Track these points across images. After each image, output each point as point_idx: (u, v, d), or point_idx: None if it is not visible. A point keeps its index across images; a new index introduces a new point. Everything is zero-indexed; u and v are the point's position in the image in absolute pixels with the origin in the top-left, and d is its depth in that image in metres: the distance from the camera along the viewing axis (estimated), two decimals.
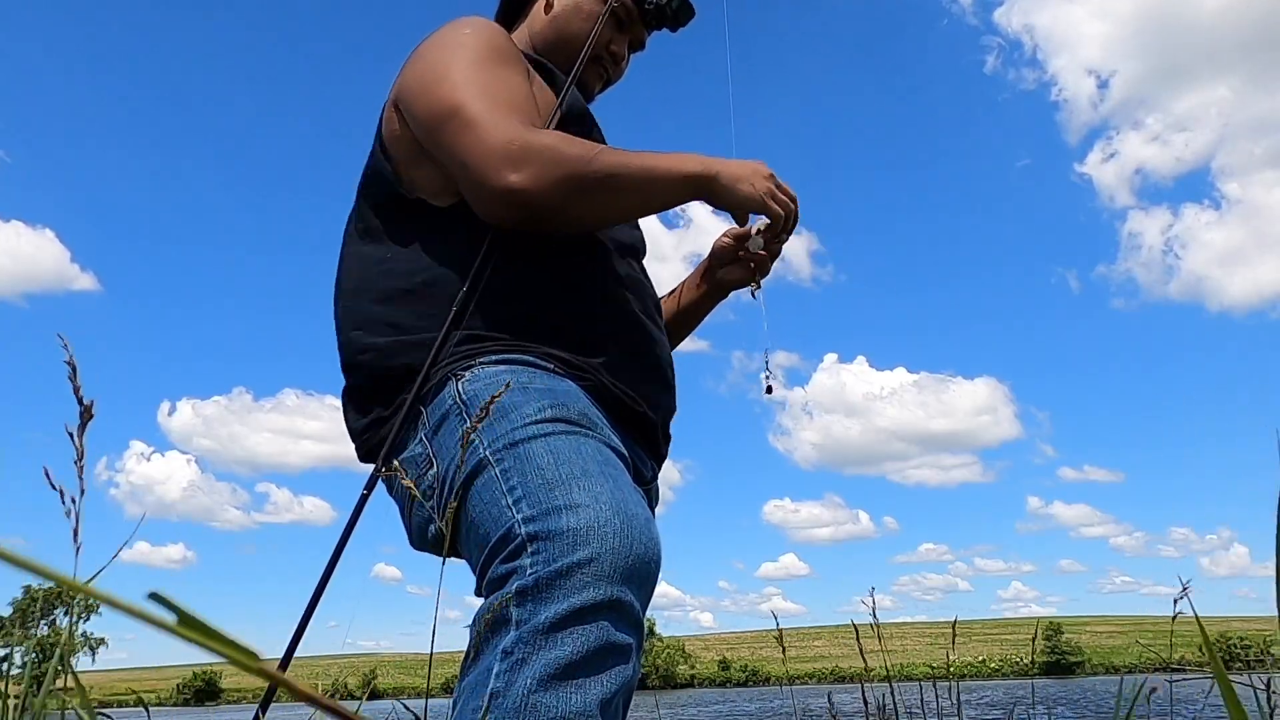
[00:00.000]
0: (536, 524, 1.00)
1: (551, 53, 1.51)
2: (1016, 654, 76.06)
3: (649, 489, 1.38)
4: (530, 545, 0.98)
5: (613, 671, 0.96)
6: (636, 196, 1.24)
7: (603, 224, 1.31)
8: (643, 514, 1.04)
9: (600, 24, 1.49)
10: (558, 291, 1.28)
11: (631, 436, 1.30)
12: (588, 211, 1.24)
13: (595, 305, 1.31)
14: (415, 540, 1.26)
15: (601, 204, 1.23)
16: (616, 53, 1.53)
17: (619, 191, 1.22)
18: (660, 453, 1.39)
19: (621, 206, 1.26)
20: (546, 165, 1.17)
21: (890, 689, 2.33)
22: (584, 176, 1.18)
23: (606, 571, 0.96)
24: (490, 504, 1.06)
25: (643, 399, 1.31)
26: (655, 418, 1.33)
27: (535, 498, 1.02)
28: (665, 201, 1.26)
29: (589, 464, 1.06)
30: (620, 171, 1.20)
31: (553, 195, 1.18)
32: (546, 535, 0.98)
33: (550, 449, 1.07)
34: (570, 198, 1.19)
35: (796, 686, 5.04)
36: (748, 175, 1.26)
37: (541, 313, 1.26)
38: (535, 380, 1.18)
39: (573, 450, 1.07)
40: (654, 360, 1.35)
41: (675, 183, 1.23)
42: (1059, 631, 79.05)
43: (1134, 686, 1.49)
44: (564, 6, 1.51)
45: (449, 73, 1.26)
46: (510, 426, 1.10)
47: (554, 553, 0.97)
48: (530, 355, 1.21)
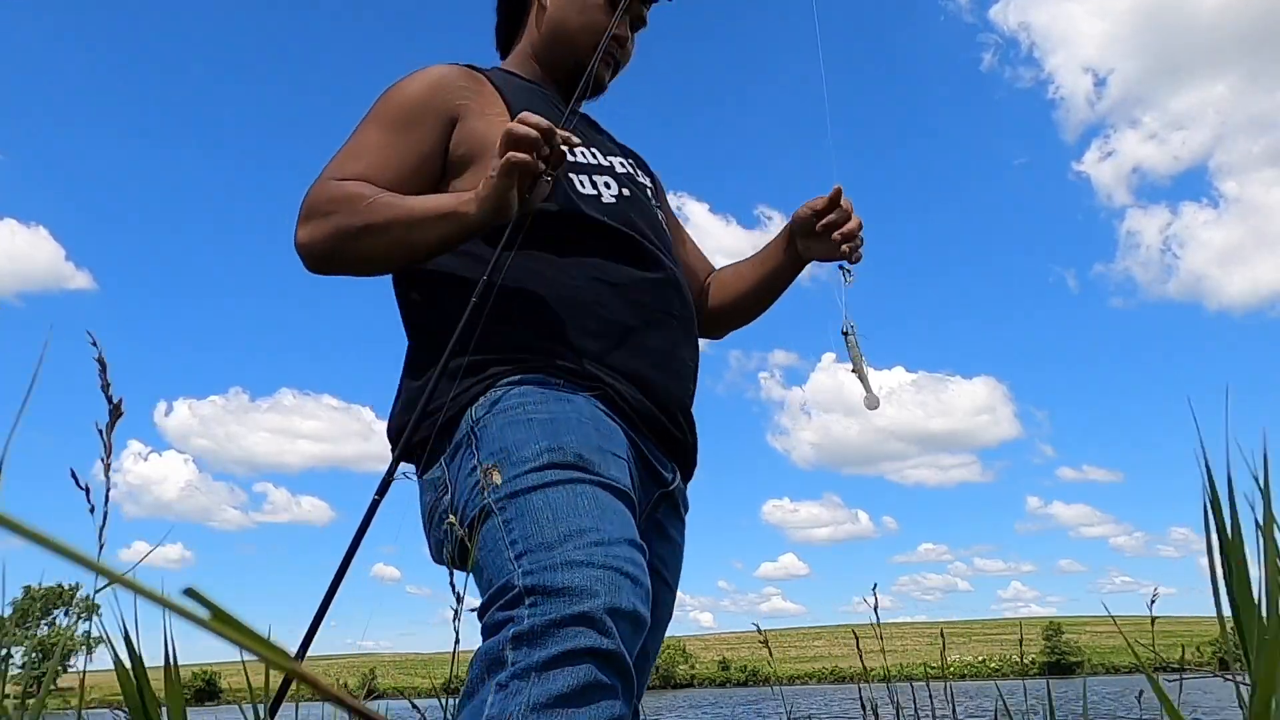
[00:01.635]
0: (534, 578, 1.06)
1: (554, 54, 1.52)
2: (1016, 654, 76.08)
3: (670, 493, 1.40)
4: (528, 598, 1.06)
5: (600, 706, 1.02)
6: (400, 240, 1.27)
7: (381, 267, 1.35)
8: (633, 572, 1.10)
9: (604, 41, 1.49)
10: (558, 303, 1.30)
11: (649, 438, 1.33)
12: (356, 257, 1.30)
13: (598, 313, 1.32)
14: (434, 554, 1.32)
15: (367, 249, 1.29)
16: (620, 36, 1.52)
17: (382, 237, 1.27)
18: (685, 451, 1.42)
19: (388, 252, 1.30)
20: (322, 217, 1.29)
21: (889, 689, 2.33)
22: (346, 226, 1.28)
23: (596, 624, 1.03)
24: (494, 552, 1.13)
25: (655, 398, 1.33)
26: (667, 414, 1.35)
27: (535, 555, 1.09)
28: (434, 242, 1.26)
29: (584, 519, 1.11)
30: (381, 219, 1.26)
31: (323, 245, 1.29)
32: (543, 590, 1.05)
33: (548, 503, 1.13)
34: (340, 244, 1.29)
35: (797, 686, 5.05)
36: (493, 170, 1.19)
37: (544, 327, 1.29)
38: (540, 408, 1.22)
39: (568, 505, 1.12)
40: (663, 356, 1.36)
41: (437, 223, 1.25)
42: (1059, 631, 79.05)
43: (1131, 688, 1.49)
44: (558, 6, 1.51)
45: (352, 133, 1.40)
46: (513, 474, 1.16)
47: (549, 608, 1.04)
48: (540, 374, 1.26)
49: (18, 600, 41.90)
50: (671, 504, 1.42)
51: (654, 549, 1.37)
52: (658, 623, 1.41)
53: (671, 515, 1.43)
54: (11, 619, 12.61)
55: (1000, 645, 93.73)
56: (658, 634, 1.43)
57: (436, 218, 1.25)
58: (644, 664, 1.40)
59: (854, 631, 2.31)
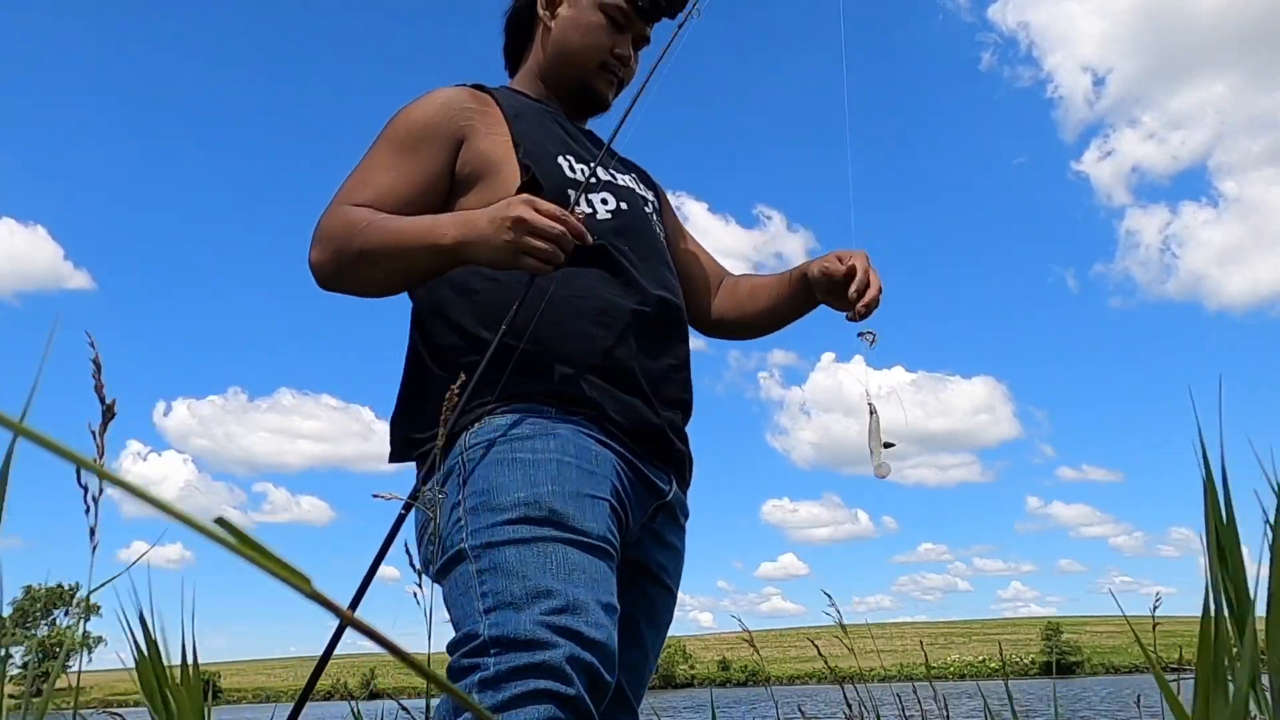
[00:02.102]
0: (499, 630, 1.12)
1: (559, 73, 1.55)
2: (1016, 654, 76.09)
3: (666, 504, 1.42)
4: (493, 648, 1.12)
5: None
6: (392, 267, 1.33)
7: (375, 292, 1.40)
8: (598, 637, 1.14)
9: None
10: (552, 324, 1.33)
11: (643, 452, 1.36)
12: (356, 281, 1.36)
13: (591, 333, 1.34)
14: (422, 565, 1.34)
15: (365, 275, 1.35)
16: (622, 55, 1.55)
17: (376, 264, 1.33)
18: (679, 461, 1.44)
19: (380, 278, 1.36)
20: (326, 242, 1.35)
21: (876, 690, 2.33)
22: (344, 251, 1.33)
23: (558, 675, 1.09)
24: (464, 595, 1.19)
25: (645, 418, 1.36)
26: (658, 432, 1.38)
27: (503, 613, 1.14)
28: (423, 271, 1.34)
29: (551, 582, 1.15)
30: (374, 247, 1.31)
31: (327, 267, 1.35)
32: (507, 643, 1.11)
33: (520, 560, 1.17)
34: (341, 269, 1.34)
35: (797, 686, 5.05)
36: (493, 233, 1.25)
37: (537, 347, 1.31)
38: (524, 445, 1.25)
39: (539, 564, 1.16)
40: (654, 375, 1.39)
41: (425, 254, 1.31)
42: (1059, 631, 79.09)
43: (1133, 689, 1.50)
44: (562, 27, 1.54)
45: (363, 156, 1.44)
46: (490, 522, 1.21)
47: (512, 659, 1.10)
48: (532, 401, 1.30)
49: (18, 600, 41.91)
50: (670, 513, 1.44)
51: (653, 555, 1.42)
52: (659, 626, 1.44)
53: (670, 524, 1.45)
54: (12, 619, 12.61)
55: (1000, 645, 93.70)
56: (658, 638, 1.45)
57: (424, 248, 1.30)
58: (644, 668, 1.43)
59: (840, 631, 2.30)
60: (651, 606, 1.41)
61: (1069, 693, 4.59)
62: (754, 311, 1.68)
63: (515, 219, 1.23)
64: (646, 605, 1.40)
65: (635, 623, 1.36)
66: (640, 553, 1.39)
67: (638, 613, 1.37)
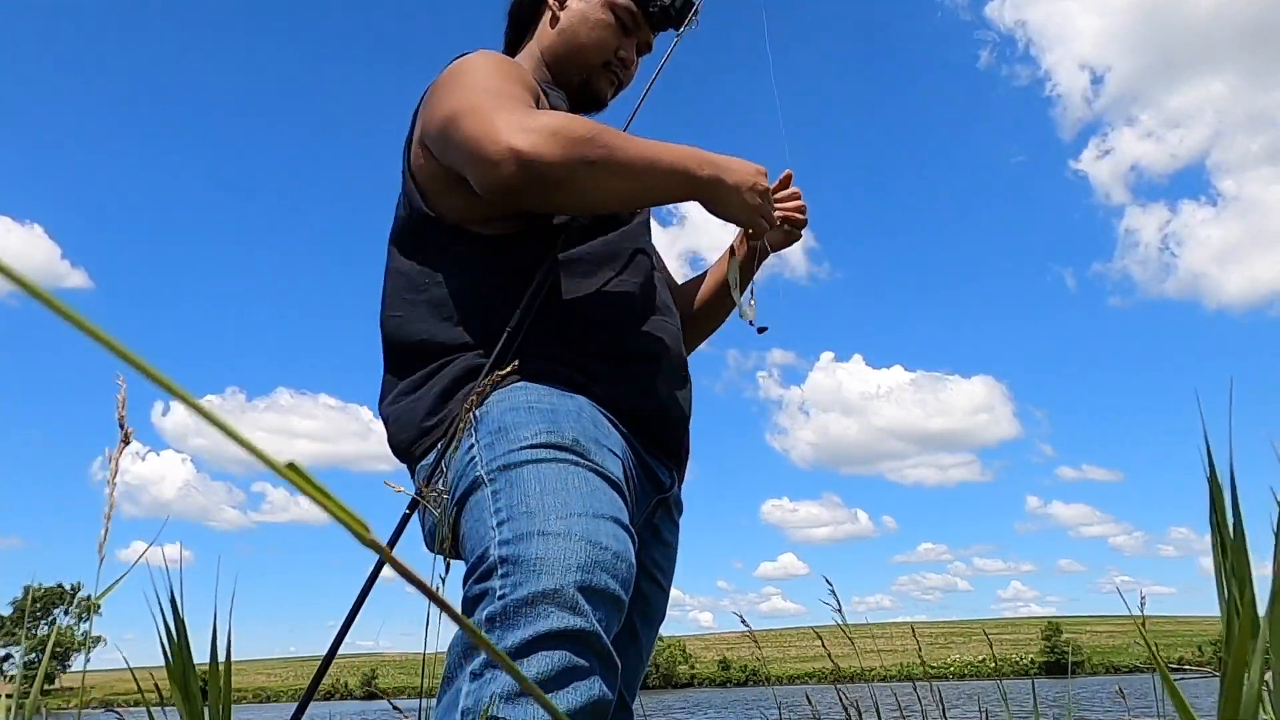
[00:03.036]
0: (509, 548, 1.05)
1: (562, 65, 1.55)
2: (1016, 654, 76.13)
3: (667, 497, 1.42)
4: (501, 568, 1.04)
5: (577, 689, 1.00)
6: (636, 182, 1.25)
7: (601, 205, 1.30)
8: (614, 546, 1.08)
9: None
10: (563, 310, 1.32)
11: (646, 444, 1.35)
12: (589, 187, 1.21)
13: (607, 325, 1.34)
14: (427, 543, 1.33)
15: (603, 183, 1.22)
16: (625, 58, 1.56)
17: (620, 173, 1.22)
18: (681, 455, 1.43)
19: (621, 189, 1.25)
20: (553, 134, 1.17)
21: (873, 689, 2.33)
22: (589, 151, 1.18)
23: (569, 602, 1.01)
24: (478, 521, 1.12)
25: (659, 412, 1.36)
26: (670, 426, 1.38)
27: (516, 522, 1.08)
28: (663, 195, 1.30)
29: (570, 495, 1.11)
30: (622, 155, 1.22)
31: (558, 164, 1.17)
32: (515, 560, 1.04)
33: (538, 476, 1.12)
34: (575, 170, 1.18)
35: (797, 686, 5.04)
36: (747, 185, 1.32)
37: (550, 332, 1.30)
38: (542, 400, 1.23)
39: (558, 479, 1.12)
40: (662, 363, 1.39)
41: (676, 178, 1.27)
42: (1059, 631, 79.09)
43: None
44: (570, 19, 1.54)
45: (456, 90, 1.29)
46: (507, 448, 1.16)
47: (520, 578, 1.02)
48: (544, 379, 1.27)
49: (18, 600, 41.93)
50: (667, 508, 1.45)
51: (650, 554, 1.41)
52: (652, 623, 1.44)
53: (666, 519, 1.45)
54: (11, 618, 12.64)
55: (1000, 645, 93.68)
56: (650, 634, 1.45)
57: (678, 173, 1.27)
58: (638, 665, 1.42)
59: (833, 632, 2.30)
60: (646, 604, 1.41)
61: (1068, 692, 4.62)
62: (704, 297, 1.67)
63: (766, 189, 1.36)
64: (642, 603, 1.39)
65: (630, 621, 1.35)
66: (639, 551, 1.38)
67: (633, 611, 1.35)
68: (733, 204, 1.33)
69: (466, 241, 1.35)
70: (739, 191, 1.32)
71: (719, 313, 1.68)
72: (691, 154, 1.29)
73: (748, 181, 1.33)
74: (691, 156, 1.29)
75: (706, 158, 1.30)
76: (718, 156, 1.32)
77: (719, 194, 1.32)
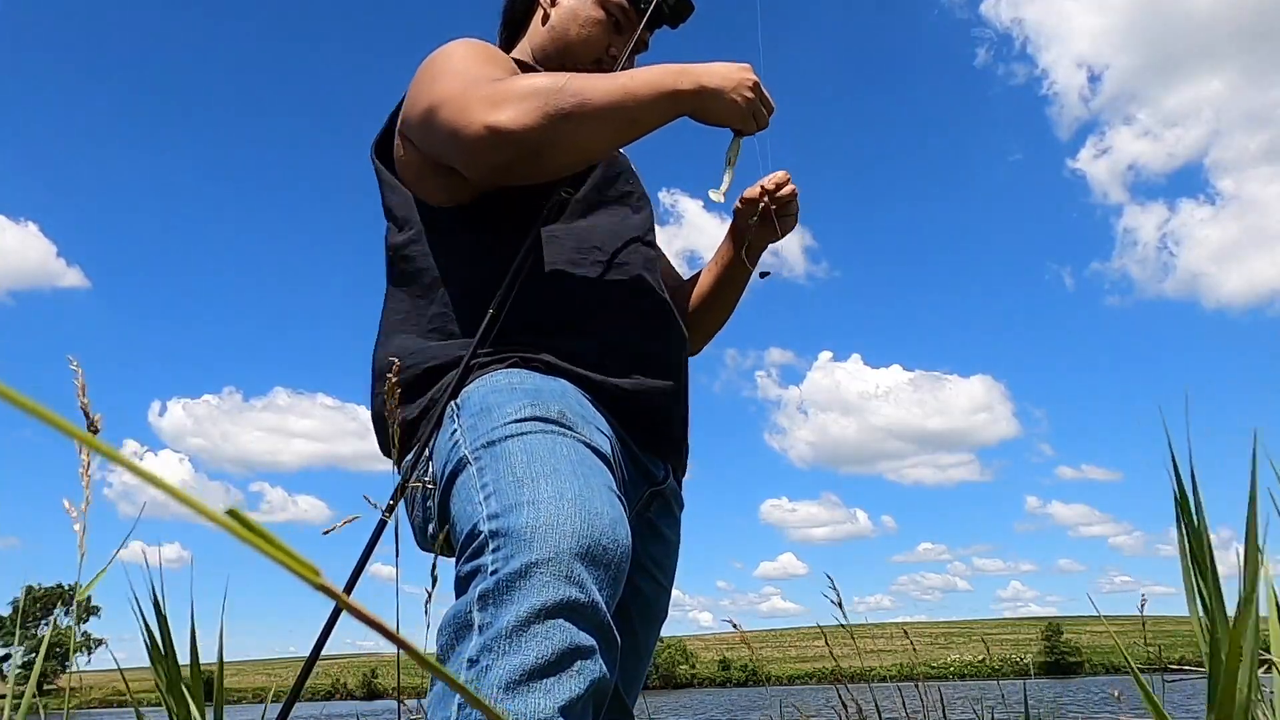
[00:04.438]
0: (499, 520, 1.01)
1: (552, 63, 1.53)
2: (1016, 654, 76.06)
3: (661, 490, 1.38)
4: (492, 542, 1.00)
5: (577, 673, 0.94)
6: (618, 118, 1.22)
7: (594, 152, 1.29)
8: (609, 512, 1.04)
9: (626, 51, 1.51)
10: (546, 294, 1.30)
11: (634, 434, 1.31)
12: (575, 139, 1.21)
13: (591, 306, 1.32)
14: (418, 539, 1.30)
15: (586, 130, 1.21)
16: (617, 56, 1.53)
17: (599, 114, 1.20)
18: (676, 448, 1.41)
19: (606, 130, 1.23)
20: (523, 98, 1.18)
21: (870, 689, 2.33)
22: (561, 101, 1.18)
23: (564, 571, 0.95)
24: (466, 501, 1.08)
25: (644, 398, 1.32)
26: (658, 411, 1.34)
27: (503, 494, 1.03)
28: (650, 122, 1.27)
29: (560, 462, 1.07)
30: (596, 95, 1.20)
31: (535, 128, 1.17)
32: (506, 532, 0.99)
33: (525, 447, 1.08)
34: (555, 127, 1.18)
35: (797, 686, 5.05)
36: (732, 85, 1.30)
37: (531, 317, 1.28)
38: (525, 381, 1.20)
39: (546, 449, 1.09)
40: (653, 352, 1.36)
41: (658, 101, 1.25)
42: (1059, 631, 78.98)
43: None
44: (561, 16, 1.53)
45: (433, 80, 1.30)
46: (490, 425, 1.13)
47: (512, 550, 0.97)
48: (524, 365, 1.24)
49: (18, 600, 41.77)
50: (663, 501, 1.40)
51: (647, 549, 1.36)
52: (652, 622, 1.40)
53: (664, 513, 1.41)
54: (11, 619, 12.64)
55: (1000, 645, 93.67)
56: (651, 634, 1.41)
57: (662, 95, 1.24)
58: (639, 664, 1.38)
59: (834, 631, 2.30)
60: (645, 603, 1.37)
61: (1068, 693, 4.58)
62: (706, 290, 1.65)
63: (756, 82, 1.31)
64: (640, 602, 1.35)
65: (629, 620, 1.31)
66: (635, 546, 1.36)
67: (632, 609, 1.31)
68: (723, 107, 1.29)
69: (444, 228, 1.35)
70: (725, 93, 1.29)
71: (724, 304, 1.65)
72: (666, 70, 1.27)
73: (732, 80, 1.29)
74: (667, 72, 1.27)
75: (682, 69, 1.28)
76: (693, 65, 1.29)
77: (706, 102, 1.28)
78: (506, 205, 1.34)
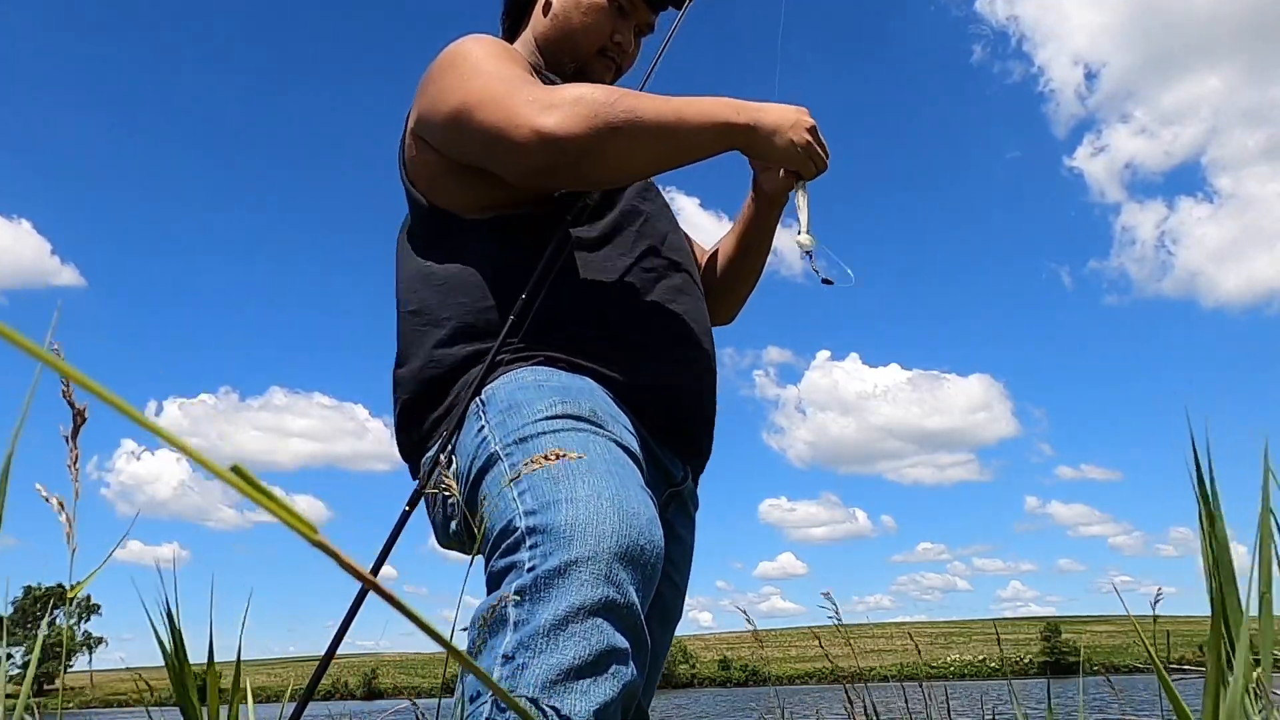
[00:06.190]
0: (536, 517, 1.00)
1: (556, 51, 1.51)
2: (1016, 654, 76.04)
3: (680, 491, 1.37)
4: (529, 539, 0.99)
5: (612, 676, 0.94)
6: (668, 140, 1.21)
7: (639, 170, 1.27)
8: (645, 513, 1.04)
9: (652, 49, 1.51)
10: (570, 294, 1.29)
11: (656, 434, 1.31)
12: (621, 154, 1.19)
13: (616, 305, 1.31)
14: (439, 537, 1.30)
15: (634, 147, 1.19)
16: (621, 42, 1.51)
17: (650, 133, 1.19)
18: (698, 449, 1.39)
19: (654, 151, 1.22)
20: (575, 105, 1.17)
21: (867, 688, 2.33)
22: (612, 116, 1.16)
23: (603, 570, 0.95)
24: (498, 496, 1.07)
25: (668, 396, 1.31)
26: (683, 411, 1.34)
27: (540, 491, 1.02)
28: (698, 150, 1.25)
29: (595, 461, 1.06)
30: (649, 115, 1.18)
31: (584, 136, 1.16)
32: (544, 529, 0.98)
33: (559, 444, 1.08)
34: (602, 138, 1.16)
35: (797, 686, 5.04)
36: (788, 126, 1.28)
37: (555, 317, 1.27)
38: (550, 378, 1.20)
39: (580, 447, 1.08)
40: (679, 352, 1.35)
41: (709, 131, 1.23)
42: (1058, 632, 78.98)
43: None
44: (563, 4, 1.51)
45: (461, 80, 1.27)
46: (521, 422, 1.12)
47: (550, 547, 0.96)
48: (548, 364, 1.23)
49: (18, 600, 41.78)
50: (680, 503, 1.40)
51: (665, 551, 1.36)
52: (667, 623, 1.39)
53: (680, 514, 1.41)
54: (11, 619, 12.44)
55: (1000, 645, 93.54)
56: (667, 636, 1.40)
57: (712, 125, 1.22)
58: (655, 666, 1.37)
59: (832, 632, 2.30)
60: (662, 605, 1.35)
61: (1068, 692, 4.61)
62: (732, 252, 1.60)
63: (813, 125, 1.30)
64: (659, 604, 1.34)
65: (648, 621, 1.30)
66: None
67: (651, 611, 1.27)
68: (777, 147, 1.27)
69: (464, 230, 1.34)
70: (780, 133, 1.27)
71: (752, 267, 1.61)
72: (722, 102, 1.25)
73: (789, 120, 1.27)
74: (723, 104, 1.25)
75: (740, 104, 1.26)
76: (750, 102, 1.27)
77: (759, 139, 1.26)
78: (527, 209, 1.32)
